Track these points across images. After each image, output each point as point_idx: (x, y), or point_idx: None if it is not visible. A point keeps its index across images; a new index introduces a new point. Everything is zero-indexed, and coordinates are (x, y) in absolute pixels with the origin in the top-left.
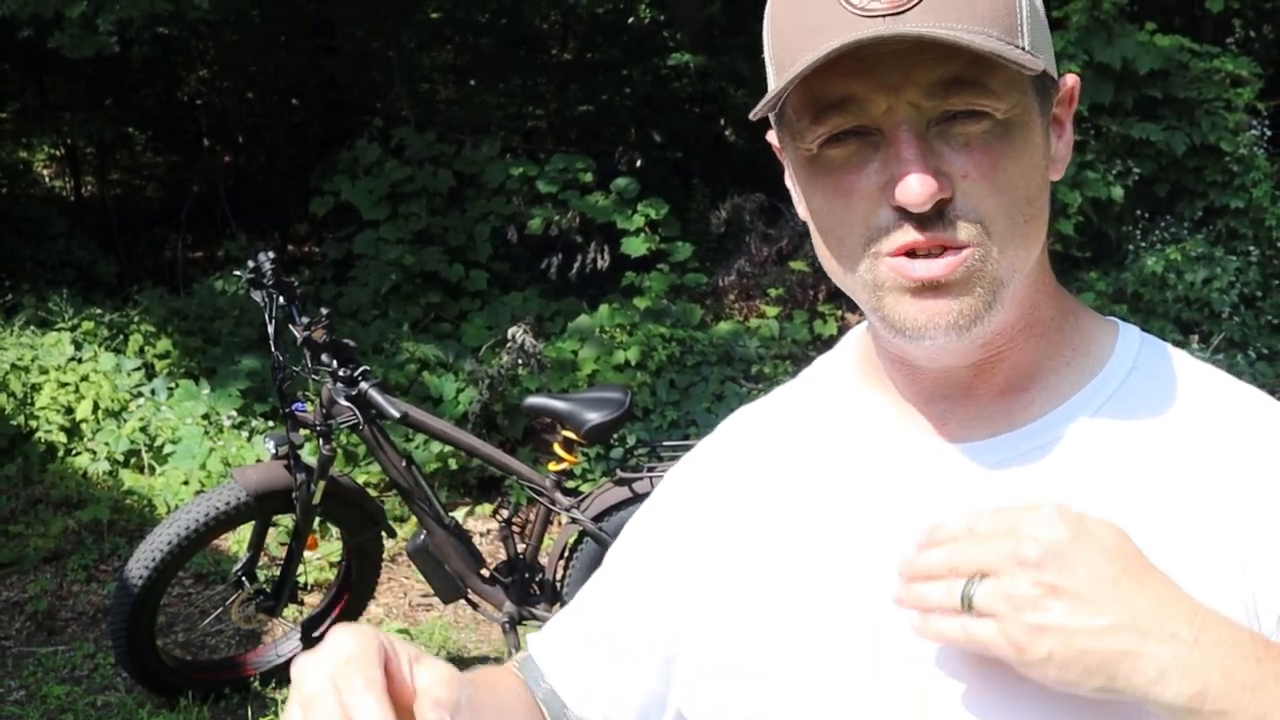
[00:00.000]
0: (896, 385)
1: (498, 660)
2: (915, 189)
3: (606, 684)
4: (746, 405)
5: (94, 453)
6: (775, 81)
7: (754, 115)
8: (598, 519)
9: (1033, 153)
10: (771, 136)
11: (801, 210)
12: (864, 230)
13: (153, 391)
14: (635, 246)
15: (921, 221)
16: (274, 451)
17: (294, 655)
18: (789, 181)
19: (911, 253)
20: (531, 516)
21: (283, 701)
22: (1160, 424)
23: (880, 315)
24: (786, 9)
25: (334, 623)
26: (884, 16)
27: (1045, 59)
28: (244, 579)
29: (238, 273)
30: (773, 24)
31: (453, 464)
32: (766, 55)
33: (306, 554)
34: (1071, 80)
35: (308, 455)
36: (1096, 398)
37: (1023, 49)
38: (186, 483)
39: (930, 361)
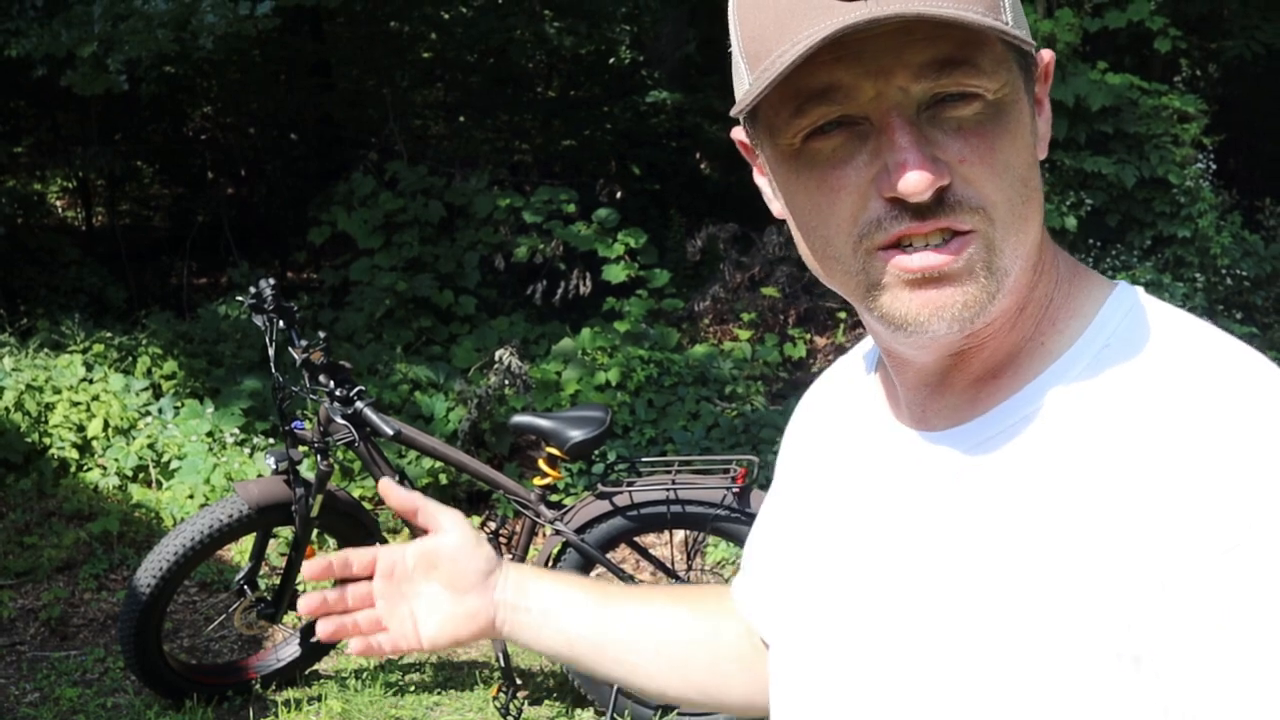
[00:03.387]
0: (891, 373)
1: (485, 663)
2: (915, 181)
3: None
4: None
5: (104, 468)
6: (750, 75)
7: (735, 112)
8: (580, 530)
9: (1023, 132)
10: (737, 133)
11: (776, 208)
12: (852, 226)
13: (160, 410)
14: (615, 273)
15: (918, 210)
16: (274, 467)
17: (293, 659)
18: (759, 179)
19: (907, 244)
20: (518, 529)
21: (283, 703)
22: (1121, 405)
23: (878, 314)
24: None
25: None
26: None
27: (1025, 34)
28: (246, 587)
29: (240, 298)
30: (740, 11)
31: (443, 479)
32: (735, 47)
33: (305, 564)
34: (1048, 55)
35: (306, 470)
36: (1061, 378)
37: (1008, 24)
38: (191, 496)
39: (916, 355)
